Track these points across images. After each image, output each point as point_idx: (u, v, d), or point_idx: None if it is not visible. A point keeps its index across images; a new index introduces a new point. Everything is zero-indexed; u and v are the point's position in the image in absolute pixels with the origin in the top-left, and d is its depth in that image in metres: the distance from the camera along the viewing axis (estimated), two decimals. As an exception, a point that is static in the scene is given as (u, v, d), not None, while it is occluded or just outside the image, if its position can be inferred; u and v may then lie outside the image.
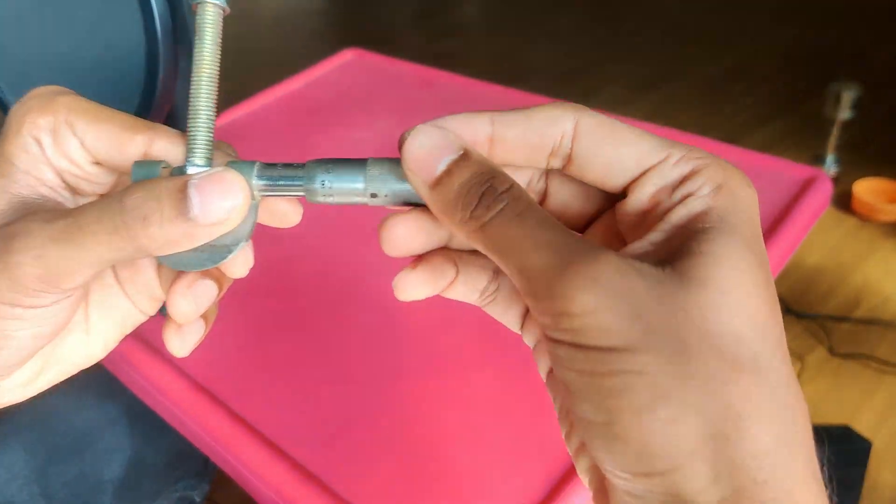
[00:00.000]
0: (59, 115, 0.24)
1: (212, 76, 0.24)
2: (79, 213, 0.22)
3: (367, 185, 0.24)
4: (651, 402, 0.18)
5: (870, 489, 1.16)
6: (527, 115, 0.24)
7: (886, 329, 1.45)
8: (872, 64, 2.32)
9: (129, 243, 0.22)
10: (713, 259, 0.19)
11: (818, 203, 0.81)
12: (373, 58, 1.17)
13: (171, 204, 0.22)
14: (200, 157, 0.24)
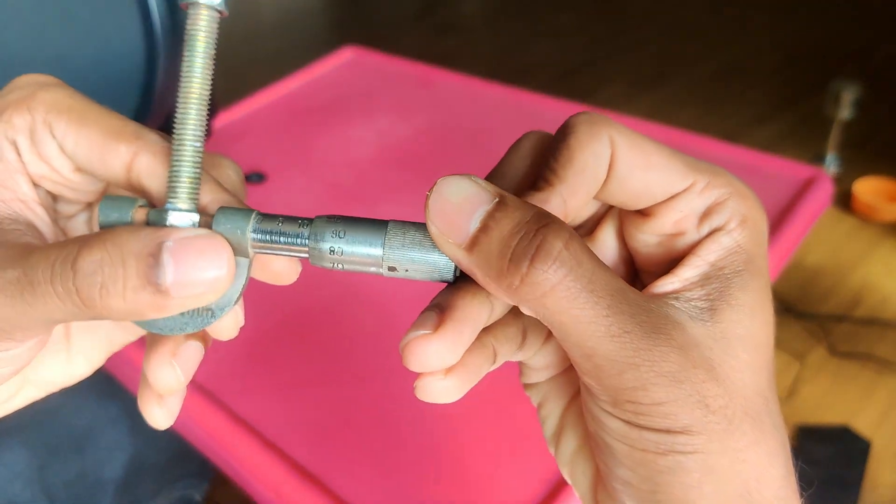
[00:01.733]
0: (38, 113, 0.21)
1: (202, 97, 0.21)
2: (31, 267, 0.19)
3: (386, 256, 0.20)
4: (700, 479, 0.18)
5: (869, 489, 1.16)
6: (575, 164, 0.20)
7: (886, 329, 1.45)
8: (873, 62, 2.32)
9: (82, 311, 0.19)
10: (749, 312, 0.20)
11: (818, 202, 0.81)
12: (372, 56, 1.17)
13: (137, 272, 0.19)
14: (184, 198, 0.20)
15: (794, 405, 1.32)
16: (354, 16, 3.09)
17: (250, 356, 0.65)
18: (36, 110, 0.21)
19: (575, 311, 0.18)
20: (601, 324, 0.18)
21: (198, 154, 0.21)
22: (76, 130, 0.21)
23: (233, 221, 0.20)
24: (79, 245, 0.19)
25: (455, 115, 1.01)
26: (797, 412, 1.30)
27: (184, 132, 0.20)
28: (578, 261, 0.18)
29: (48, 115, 0.21)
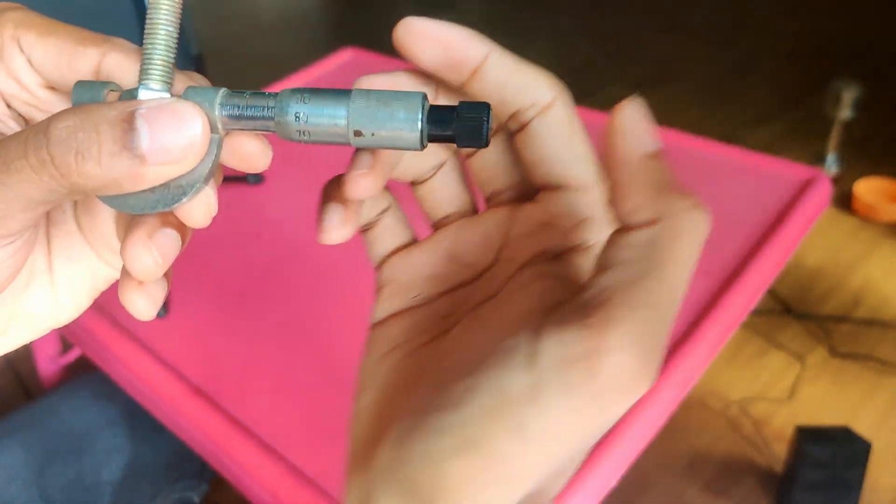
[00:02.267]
0: (6, 30, 0.21)
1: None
2: (3, 147, 0.19)
3: (351, 118, 0.20)
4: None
5: (870, 490, 1.16)
6: (516, 69, 0.23)
7: (886, 329, 1.45)
8: (873, 62, 2.31)
9: (59, 182, 0.19)
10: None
11: (817, 203, 0.81)
12: (372, 57, 1.16)
13: (112, 136, 0.18)
14: (157, 79, 0.20)
15: (795, 406, 1.32)
16: (354, 17, 3.09)
17: (246, 359, 0.65)
18: (4, 27, 0.21)
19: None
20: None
21: (171, 38, 0.20)
22: (44, 40, 0.21)
23: (201, 97, 0.20)
24: (50, 118, 0.19)
25: (454, 116, 1.00)
26: (797, 413, 1.30)
27: (157, 15, 0.20)
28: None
29: (16, 31, 0.21)
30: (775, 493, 1.19)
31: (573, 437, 0.17)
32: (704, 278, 0.71)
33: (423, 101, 0.20)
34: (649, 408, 0.58)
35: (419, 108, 0.20)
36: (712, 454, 1.26)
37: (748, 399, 1.33)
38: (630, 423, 0.57)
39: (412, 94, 0.20)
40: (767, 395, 1.34)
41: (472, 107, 0.20)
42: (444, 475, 0.17)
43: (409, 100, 0.20)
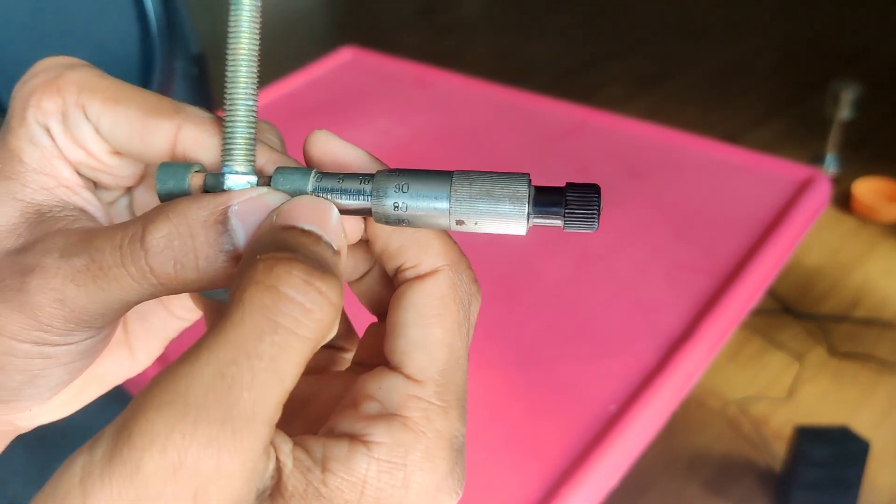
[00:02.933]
0: (69, 95, 0.20)
1: (251, 53, 0.19)
2: (97, 251, 0.18)
3: (453, 209, 0.19)
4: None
5: (868, 489, 1.16)
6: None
7: (885, 329, 1.45)
8: (873, 62, 2.32)
9: (158, 290, 0.19)
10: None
11: (816, 203, 0.81)
12: (371, 56, 1.17)
13: (207, 241, 0.18)
14: (241, 161, 0.19)
15: (794, 405, 1.32)
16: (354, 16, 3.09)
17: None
18: (67, 91, 0.20)
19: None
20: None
21: (251, 114, 0.20)
22: (111, 110, 0.20)
23: (291, 181, 0.19)
24: (143, 223, 0.18)
25: (454, 115, 1.01)
26: (796, 412, 1.30)
27: (235, 92, 0.19)
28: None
29: (80, 96, 0.20)
30: (774, 492, 1.19)
31: None
32: (704, 277, 0.71)
33: (528, 188, 0.19)
34: (649, 407, 0.59)
35: (525, 199, 0.19)
36: (712, 453, 1.26)
37: (747, 398, 1.33)
38: (630, 423, 0.57)
39: (517, 179, 0.19)
40: (767, 394, 1.34)
41: (580, 191, 0.19)
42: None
43: (514, 187, 0.19)
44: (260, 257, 0.16)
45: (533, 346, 0.66)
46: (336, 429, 0.18)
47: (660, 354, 0.63)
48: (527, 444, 0.56)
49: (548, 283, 0.73)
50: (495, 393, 0.60)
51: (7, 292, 0.19)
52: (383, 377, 0.19)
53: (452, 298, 0.19)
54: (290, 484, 0.16)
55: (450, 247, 0.20)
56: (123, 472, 0.15)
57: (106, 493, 0.15)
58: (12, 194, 0.20)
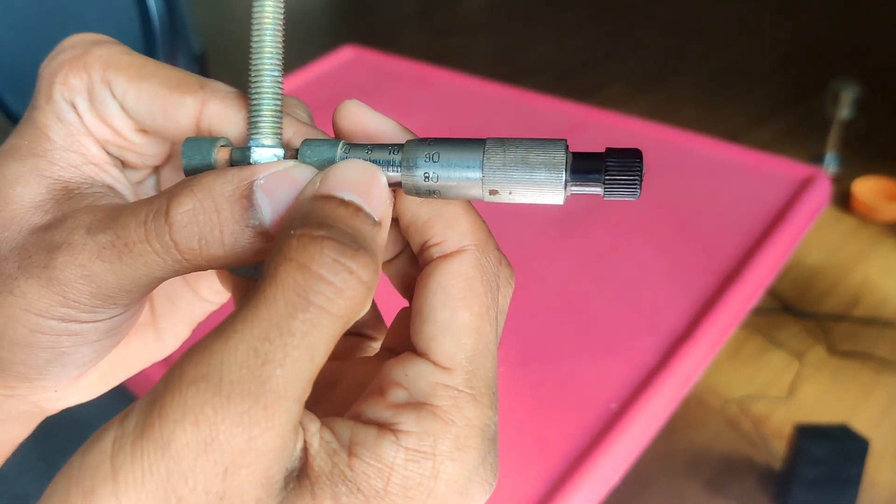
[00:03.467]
0: (95, 71, 0.20)
1: (276, 23, 0.19)
2: (122, 227, 0.18)
3: (486, 178, 0.18)
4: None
5: (868, 487, 1.17)
6: (444, 201, 0.20)
7: (885, 328, 1.45)
8: (872, 62, 2.32)
9: (184, 265, 0.18)
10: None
11: (816, 202, 0.81)
12: (372, 55, 1.17)
13: (233, 216, 0.18)
14: (267, 133, 0.19)
15: (793, 404, 1.32)
16: (354, 15, 3.09)
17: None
18: (92, 68, 0.20)
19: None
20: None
21: (277, 85, 0.19)
22: (136, 86, 0.20)
23: (319, 153, 0.19)
24: (167, 198, 0.18)
25: (455, 114, 1.01)
26: (796, 411, 1.30)
27: (261, 63, 0.19)
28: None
29: (106, 73, 0.20)
30: (774, 491, 1.20)
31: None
32: (705, 277, 0.71)
33: (566, 154, 0.18)
34: (650, 406, 0.59)
35: (562, 166, 0.18)
36: (712, 452, 1.26)
37: (747, 397, 1.33)
38: (631, 421, 0.57)
39: (553, 145, 0.18)
40: (767, 393, 1.35)
41: (620, 157, 0.18)
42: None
43: (551, 153, 0.18)
44: (294, 232, 0.16)
45: (534, 344, 0.66)
46: (363, 415, 0.18)
47: (660, 353, 0.63)
48: (528, 442, 0.56)
49: (549, 282, 0.73)
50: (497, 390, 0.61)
51: (34, 268, 0.19)
52: (410, 364, 0.18)
53: (480, 280, 0.19)
54: (315, 464, 0.16)
55: (478, 225, 0.19)
56: (155, 446, 0.15)
57: (137, 467, 0.15)
58: (40, 171, 0.20)
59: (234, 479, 0.15)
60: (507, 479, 0.53)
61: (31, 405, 0.21)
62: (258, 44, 0.19)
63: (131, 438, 0.15)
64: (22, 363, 0.20)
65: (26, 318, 0.19)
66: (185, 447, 0.15)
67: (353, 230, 0.17)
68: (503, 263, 0.20)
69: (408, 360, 0.19)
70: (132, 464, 0.15)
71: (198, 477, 0.15)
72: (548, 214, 0.80)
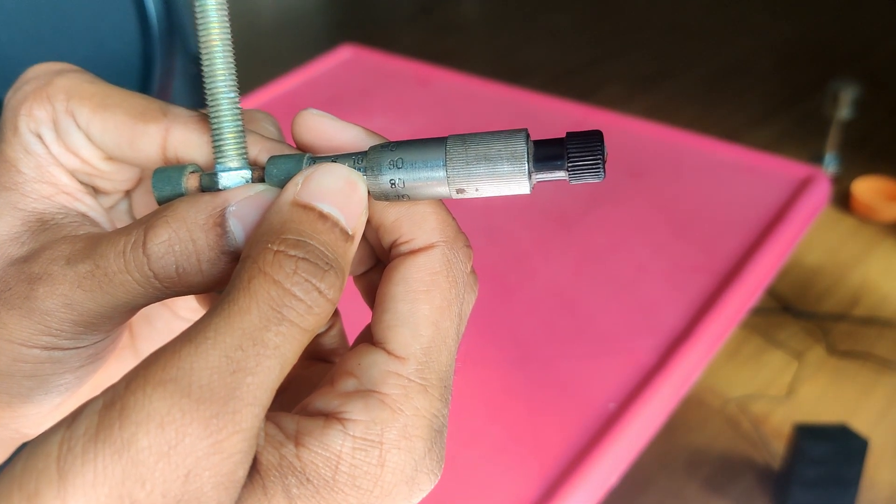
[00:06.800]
0: (59, 102, 0.20)
1: (224, 44, 0.19)
2: (101, 257, 0.19)
3: (451, 177, 0.18)
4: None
5: (867, 486, 1.17)
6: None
7: (884, 328, 1.45)
8: (872, 62, 2.32)
9: (164, 293, 0.19)
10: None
11: (816, 202, 0.81)
12: (370, 54, 1.17)
13: (207, 244, 0.18)
14: (232, 156, 0.19)
15: (793, 404, 1.32)
16: (353, 14, 3.09)
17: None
18: (56, 98, 0.20)
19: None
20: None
21: (235, 106, 0.19)
22: (100, 117, 0.20)
23: (284, 170, 0.19)
24: (143, 228, 0.19)
25: (454, 114, 1.01)
26: (796, 411, 1.30)
27: (215, 87, 0.19)
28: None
29: (70, 103, 0.20)
30: (773, 490, 1.20)
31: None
32: (704, 276, 0.71)
33: (526, 143, 0.18)
34: (649, 406, 0.59)
35: (524, 156, 0.18)
36: (711, 451, 1.26)
37: (747, 397, 1.33)
38: (630, 421, 0.57)
39: (513, 136, 0.18)
40: (766, 392, 1.35)
41: (582, 140, 0.18)
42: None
43: (511, 145, 0.18)
44: (270, 246, 0.17)
45: (532, 344, 0.66)
46: (310, 406, 0.18)
47: (659, 353, 0.63)
48: (527, 442, 0.56)
49: (547, 282, 0.73)
50: (495, 391, 0.60)
51: (15, 299, 0.19)
52: (364, 353, 0.19)
53: (444, 276, 0.19)
54: (263, 458, 0.16)
55: (447, 223, 0.20)
56: (111, 448, 0.14)
57: (89, 469, 0.14)
58: (13, 204, 0.20)
59: (196, 482, 0.15)
60: (505, 478, 0.53)
61: (13, 431, 0.22)
62: (209, 68, 0.19)
63: (82, 441, 0.15)
64: (5, 392, 0.20)
65: (9, 348, 0.19)
66: (147, 449, 0.14)
67: (326, 247, 0.17)
68: (469, 260, 0.20)
69: (362, 350, 0.19)
70: (83, 466, 0.14)
71: (156, 480, 0.14)
72: (546, 214, 0.80)
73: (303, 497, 0.16)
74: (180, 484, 0.15)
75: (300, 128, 0.20)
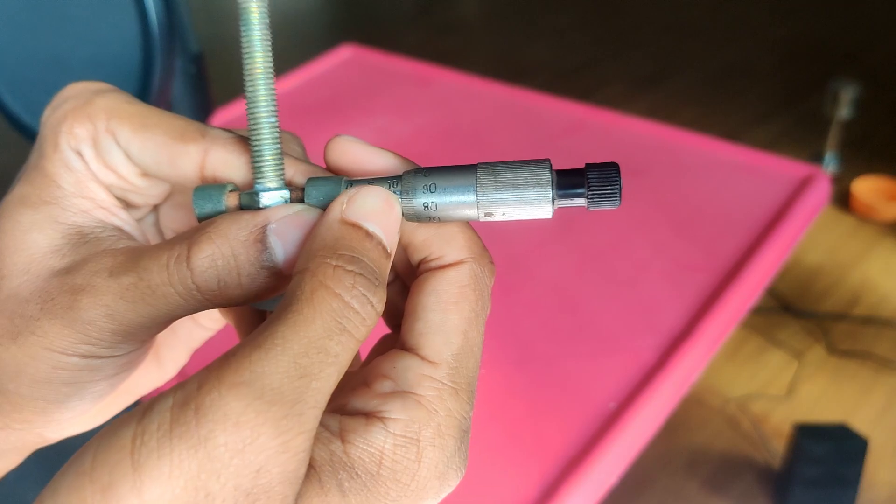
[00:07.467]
0: (99, 121, 0.21)
1: (267, 71, 0.20)
2: (144, 271, 0.20)
3: (481, 202, 0.20)
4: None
5: (867, 486, 1.17)
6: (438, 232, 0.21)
7: (884, 327, 1.45)
8: (872, 62, 2.32)
9: (204, 305, 0.20)
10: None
11: (816, 201, 0.81)
12: (371, 54, 1.17)
13: (248, 259, 0.19)
14: (271, 177, 0.20)
15: (793, 403, 1.32)
16: (353, 14, 3.09)
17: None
18: (97, 118, 0.21)
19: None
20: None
21: (275, 130, 0.20)
22: (140, 136, 0.21)
23: (324, 192, 0.20)
24: (187, 243, 0.20)
25: (454, 114, 1.01)
26: (795, 410, 1.30)
27: (257, 110, 0.20)
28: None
29: (110, 123, 0.21)
30: (773, 490, 1.20)
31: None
32: (704, 276, 0.71)
33: (550, 173, 0.20)
34: (649, 405, 0.59)
35: (549, 184, 0.20)
36: (711, 451, 1.26)
37: (747, 396, 1.34)
38: (630, 421, 0.57)
39: (539, 166, 0.20)
40: (766, 392, 1.35)
41: (600, 170, 0.20)
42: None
43: (537, 174, 0.20)
44: (330, 262, 0.18)
45: (533, 343, 0.66)
46: (348, 406, 0.19)
47: (659, 352, 0.63)
48: (527, 441, 0.56)
49: (547, 281, 0.73)
50: (495, 391, 0.61)
51: (57, 309, 0.20)
52: (399, 358, 0.20)
53: (472, 289, 0.21)
54: (316, 455, 0.18)
55: (474, 240, 0.21)
56: (187, 443, 0.15)
57: (164, 464, 0.15)
58: (53, 218, 0.21)
59: (265, 478, 0.16)
60: (506, 478, 0.53)
61: (36, 435, 0.22)
62: (252, 93, 0.20)
63: (157, 436, 0.15)
64: (42, 398, 0.21)
65: (49, 356, 0.20)
66: (223, 446, 0.15)
67: (374, 264, 0.19)
68: (492, 275, 0.22)
69: (396, 356, 0.20)
70: (158, 459, 0.15)
71: (230, 474, 0.15)
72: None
73: (353, 490, 0.18)
74: (252, 479, 0.16)
75: (334, 153, 0.21)
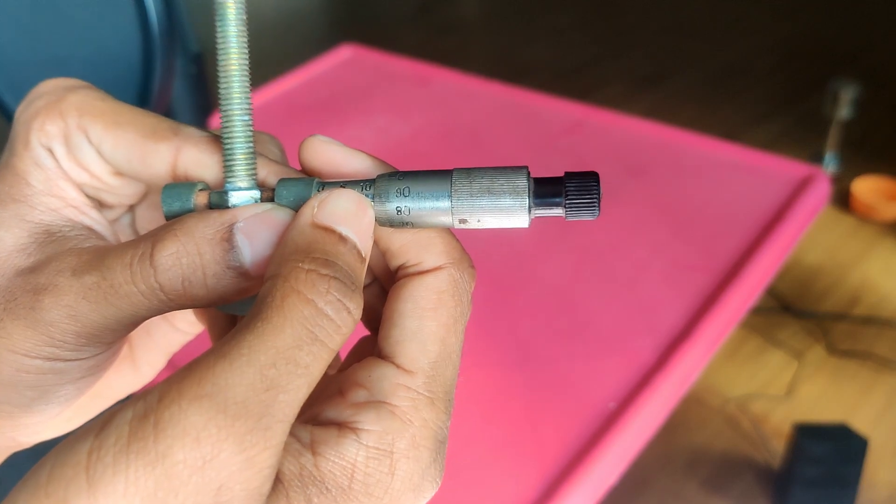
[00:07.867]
0: (70, 118, 0.21)
1: (242, 69, 0.20)
2: (108, 269, 0.19)
3: (455, 208, 0.19)
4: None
5: (867, 486, 1.17)
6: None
7: (884, 327, 1.45)
8: (872, 62, 2.32)
9: (168, 305, 0.19)
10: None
11: (816, 201, 0.81)
12: (370, 54, 1.17)
13: (214, 258, 0.19)
14: (242, 176, 0.20)
15: (793, 403, 1.32)
16: (353, 14, 3.09)
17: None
18: (68, 115, 0.21)
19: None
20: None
21: (248, 129, 0.20)
22: (112, 134, 0.21)
23: (295, 192, 0.20)
24: (151, 241, 0.19)
25: (454, 114, 1.01)
26: (795, 410, 1.30)
27: (230, 108, 0.20)
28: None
29: (82, 120, 0.21)
30: (773, 490, 1.20)
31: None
32: (703, 276, 0.71)
33: (528, 180, 0.19)
34: (649, 405, 0.59)
35: (525, 192, 0.19)
36: (711, 451, 1.26)
37: (747, 396, 1.34)
38: (629, 421, 0.57)
39: (516, 172, 0.19)
40: (766, 392, 1.35)
41: (579, 179, 0.19)
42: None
43: (513, 181, 0.19)
44: (303, 265, 0.17)
45: (532, 344, 0.66)
46: (321, 416, 0.18)
47: (659, 352, 0.63)
48: (526, 442, 0.56)
49: (546, 282, 0.73)
50: (494, 391, 0.61)
51: (20, 310, 0.19)
52: (374, 366, 0.19)
53: (451, 295, 0.20)
54: (285, 469, 0.17)
55: (453, 245, 0.20)
56: (145, 460, 0.14)
57: (119, 480, 0.14)
58: (21, 216, 0.21)
59: (226, 496, 0.15)
60: (505, 478, 0.53)
61: (9, 440, 0.22)
62: (226, 90, 0.20)
63: (113, 451, 0.15)
64: (6, 402, 0.20)
65: (12, 358, 0.19)
66: (182, 463, 0.15)
67: (349, 268, 0.18)
68: (472, 280, 0.21)
69: (372, 364, 0.20)
70: (114, 476, 0.14)
71: (189, 492, 0.15)
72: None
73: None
74: (212, 497, 0.15)
75: (308, 153, 0.21)
